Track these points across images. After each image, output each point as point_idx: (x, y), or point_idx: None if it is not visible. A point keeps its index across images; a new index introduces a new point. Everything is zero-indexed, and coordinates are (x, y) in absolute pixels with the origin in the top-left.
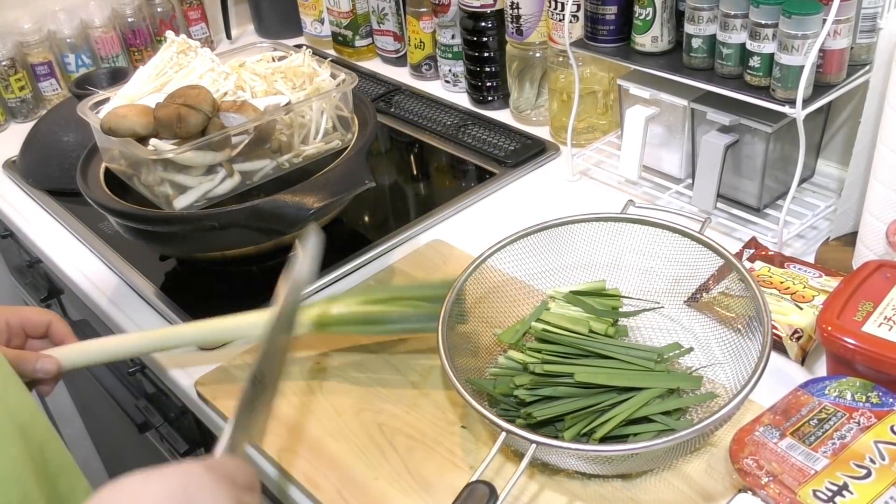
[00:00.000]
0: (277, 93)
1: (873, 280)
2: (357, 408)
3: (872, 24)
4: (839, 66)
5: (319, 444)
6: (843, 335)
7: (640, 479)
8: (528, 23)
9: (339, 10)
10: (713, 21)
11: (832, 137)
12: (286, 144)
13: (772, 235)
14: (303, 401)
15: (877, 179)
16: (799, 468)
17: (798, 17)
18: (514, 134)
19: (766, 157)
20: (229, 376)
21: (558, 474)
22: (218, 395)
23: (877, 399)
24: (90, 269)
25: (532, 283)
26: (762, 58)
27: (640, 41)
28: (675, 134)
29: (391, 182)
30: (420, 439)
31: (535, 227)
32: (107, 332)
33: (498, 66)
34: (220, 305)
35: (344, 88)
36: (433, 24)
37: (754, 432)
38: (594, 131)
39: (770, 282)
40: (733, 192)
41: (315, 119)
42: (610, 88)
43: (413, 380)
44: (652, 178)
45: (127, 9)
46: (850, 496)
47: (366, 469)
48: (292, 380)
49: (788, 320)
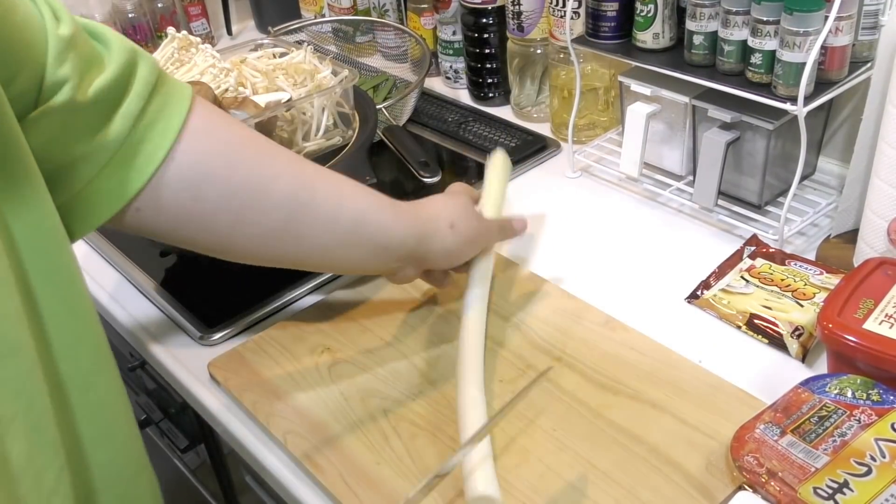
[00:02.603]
0: (278, 89)
1: (874, 277)
2: (364, 394)
3: (874, 21)
4: (841, 63)
5: (325, 428)
6: (844, 332)
7: (639, 474)
8: (530, 19)
9: (339, 5)
10: (714, 18)
11: (833, 134)
12: (287, 141)
13: (773, 232)
14: (311, 385)
15: (878, 177)
16: (799, 465)
17: (800, 14)
18: (514, 130)
19: (767, 154)
20: (242, 359)
21: (558, 464)
22: (230, 377)
23: (877, 396)
24: (90, 264)
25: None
26: (763, 55)
27: (641, 38)
28: (676, 131)
29: (392, 178)
30: (423, 426)
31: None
32: (107, 327)
33: (499, 62)
34: (221, 301)
35: (345, 85)
36: (434, 20)
37: (755, 429)
38: (595, 128)
39: (771, 279)
40: (734, 189)
41: (316, 115)
42: (611, 85)
43: (421, 368)
44: (653, 174)
45: (127, 4)
46: (850, 493)
47: (369, 454)
48: (303, 365)
49: (789, 317)
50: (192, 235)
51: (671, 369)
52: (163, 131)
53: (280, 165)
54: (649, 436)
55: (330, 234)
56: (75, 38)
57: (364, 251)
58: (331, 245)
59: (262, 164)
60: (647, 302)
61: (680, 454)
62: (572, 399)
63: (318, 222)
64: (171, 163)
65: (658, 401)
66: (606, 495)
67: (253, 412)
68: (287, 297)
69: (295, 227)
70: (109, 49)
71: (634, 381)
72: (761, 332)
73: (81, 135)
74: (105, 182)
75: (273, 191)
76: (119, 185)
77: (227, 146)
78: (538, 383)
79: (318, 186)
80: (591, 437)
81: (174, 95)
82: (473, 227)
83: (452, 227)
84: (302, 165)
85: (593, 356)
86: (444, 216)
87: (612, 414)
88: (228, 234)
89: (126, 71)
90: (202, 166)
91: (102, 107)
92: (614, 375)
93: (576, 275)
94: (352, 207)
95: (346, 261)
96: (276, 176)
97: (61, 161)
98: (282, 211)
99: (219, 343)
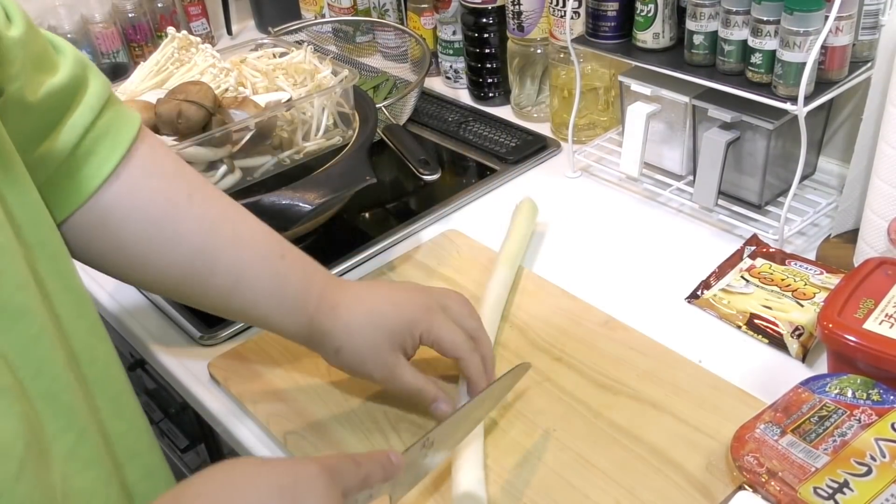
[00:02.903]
0: (279, 89)
1: (874, 277)
2: (365, 394)
3: (875, 21)
4: (841, 63)
5: (325, 428)
6: (844, 332)
7: (639, 474)
8: (530, 19)
9: (339, 5)
10: (715, 18)
11: (834, 134)
12: (287, 141)
13: (773, 232)
14: (311, 385)
15: (878, 177)
16: (800, 465)
17: (800, 14)
18: (514, 130)
19: (767, 153)
20: (242, 359)
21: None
22: (230, 377)
23: (877, 396)
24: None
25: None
26: (764, 54)
27: (641, 38)
28: (676, 131)
29: (392, 178)
30: (423, 425)
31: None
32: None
33: (499, 62)
34: None
35: (345, 85)
36: (434, 20)
37: (755, 429)
38: (595, 128)
39: (771, 279)
40: (735, 189)
41: (316, 115)
42: (611, 85)
43: (421, 368)
44: (653, 174)
45: (127, 4)
46: (850, 493)
47: None
48: (303, 365)
49: (789, 317)
50: (105, 256)
51: (671, 369)
52: (113, 145)
53: (208, 213)
54: (649, 436)
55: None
56: (26, 39)
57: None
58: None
59: (192, 205)
60: (647, 302)
61: (680, 454)
62: (572, 399)
63: (211, 291)
64: (115, 181)
65: (658, 401)
66: (606, 495)
67: (253, 412)
68: None
69: (196, 281)
70: (64, 57)
71: (634, 380)
72: (761, 332)
73: (32, 139)
74: (50, 191)
75: (186, 238)
76: (62, 196)
77: (166, 178)
78: (516, 375)
79: (219, 257)
80: (591, 436)
81: (124, 115)
82: (360, 358)
83: (337, 353)
84: (220, 225)
85: (593, 356)
86: (336, 334)
87: (613, 414)
88: (142, 263)
89: (78, 80)
90: (148, 170)
91: (52, 111)
92: (614, 375)
93: (576, 275)
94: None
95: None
96: (193, 225)
97: (24, 159)
98: (184, 265)
99: (219, 343)
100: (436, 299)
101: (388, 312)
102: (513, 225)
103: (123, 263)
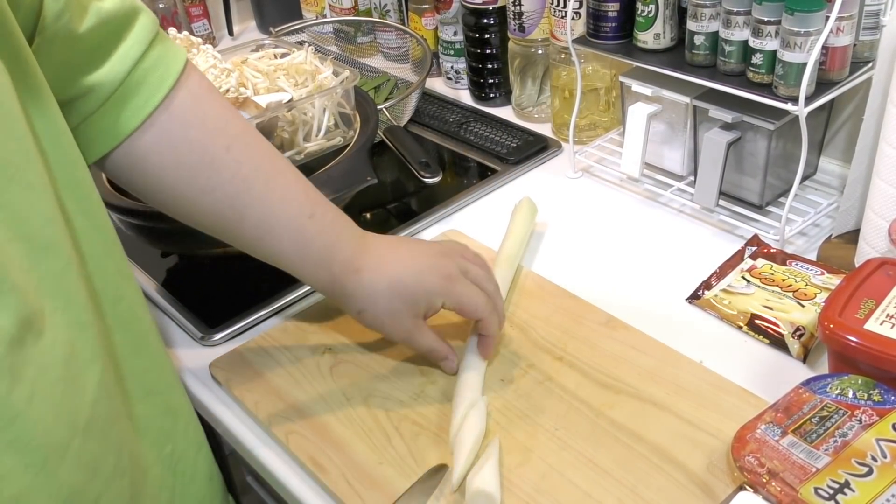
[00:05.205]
0: (280, 90)
1: (875, 278)
2: (366, 393)
3: (875, 22)
4: (842, 64)
5: (327, 429)
6: (845, 333)
7: (641, 473)
8: (531, 19)
9: (341, 6)
10: (715, 18)
11: (835, 135)
12: (288, 141)
13: (774, 233)
14: (313, 385)
15: (879, 177)
16: (800, 466)
17: (801, 14)
18: (515, 131)
19: (768, 154)
20: (243, 359)
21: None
22: (231, 377)
23: (878, 397)
24: None
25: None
26: (764, 55)
27: (642, 38)
28: (677, 131)
29: (392, 179)
30: (426, 426)
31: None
32: None
33: (500, 62)
34: (222, 302)
35: (346, 85)
36: (435, 20)
37: (756, 430)
38: (596, 128)
39: (772, 279)
40: (735, 190)
41: (317, 116)
42: (612, 85)
43: (422, 367)
44: (654, 175)
45: None
46: (851, 494)
47: (371, 454)
48: (304, 365)
49: (790, 318)
50: (143, 193)
51: (672, 368)
52: (161, 78)
53: (243, 167)
54: (651, 434)
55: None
56: None
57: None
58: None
59: (229, 156)
60: (648, 302)
61: (681, 453)
62: (574, 398)
63: (241, 240)
64: (165, 110)
65: (659, 400)
66: (608, 494)
67: (254, 412)
68: (288, 297)
69: (228, 227)
70: None
71: (636, 380)
72: (762, 333)
73: (81, 69)
74: (102, 119)
75: (219, 189)
76: (114, 124)
77: (212, 110)
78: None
79: (247, 212)
80: (592, 435)
81: (172, 50)
82: (380, 322)
83: (359, 314)
84: (252, 180)
85: (595, 355)
86: (358, 297)
87: (614, 413)
88: (177, 205)
89: (126, 11)
90: (187, 118)
91: (101, 41)
92: (616, 374)
93: (577, 274)
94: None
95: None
96: (228, 175)
97: (62, 96)
98: (216, 213)
99: (220, 343)
100: (457, 264)
101: (410, 282)
102: (511, 224)
103: (160, 201)
